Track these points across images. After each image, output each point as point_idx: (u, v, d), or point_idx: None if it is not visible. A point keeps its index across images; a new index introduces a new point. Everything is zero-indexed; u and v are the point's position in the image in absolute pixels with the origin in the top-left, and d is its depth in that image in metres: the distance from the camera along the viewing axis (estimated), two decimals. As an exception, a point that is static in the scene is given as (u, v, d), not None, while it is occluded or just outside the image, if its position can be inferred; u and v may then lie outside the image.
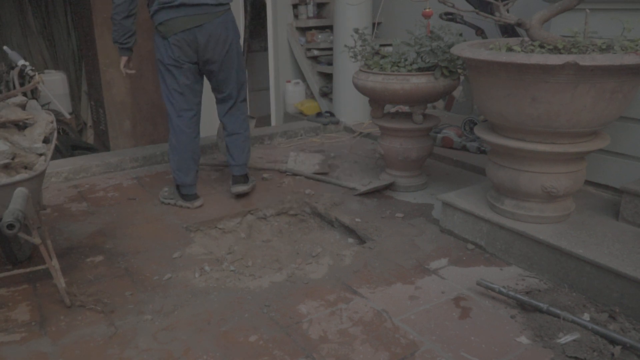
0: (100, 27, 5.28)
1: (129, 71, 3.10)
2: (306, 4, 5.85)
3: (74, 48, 6.58)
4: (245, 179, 3.20)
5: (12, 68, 4.22)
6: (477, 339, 1.90)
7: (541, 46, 2.24)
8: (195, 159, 3.07)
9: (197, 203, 3.09)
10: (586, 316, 1.96)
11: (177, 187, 3.10)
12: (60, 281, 2.11)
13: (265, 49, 6.09)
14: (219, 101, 3.13)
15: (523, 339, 1.89)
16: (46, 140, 2.26)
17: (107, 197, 3.29)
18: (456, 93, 4.85)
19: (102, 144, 5.86)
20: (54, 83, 5.70)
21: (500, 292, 2.09)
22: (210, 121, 5.63)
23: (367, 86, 3.02)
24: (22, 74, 4.05)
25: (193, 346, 1.88)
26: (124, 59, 3.03)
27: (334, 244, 2.83)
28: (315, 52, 5.78)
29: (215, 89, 3.09)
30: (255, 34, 5.63)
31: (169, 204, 3.14)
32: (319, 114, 4.96)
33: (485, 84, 2.26)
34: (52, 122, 2.32)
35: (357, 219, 2.89)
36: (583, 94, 2.03)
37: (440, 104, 5.05)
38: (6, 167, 1.98)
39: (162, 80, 2.97)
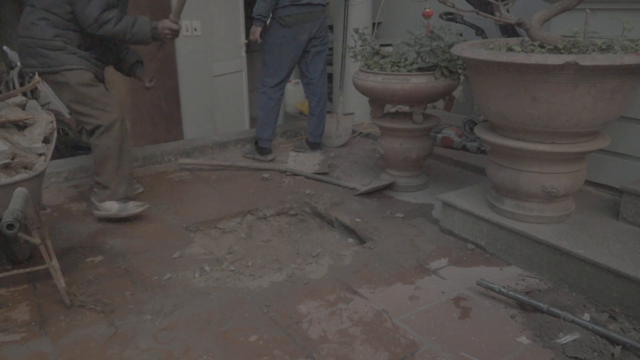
0: (100, 27, 5.27)
1: (259, 40, 3.71)
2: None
3: (74, 48, 6.58)
4: (315, 146, 4.00)
5: (12, 68, 4.22)
6: (477, 339, 1.90)
7: (541, 46, 2.24)
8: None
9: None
10: (586, 316, 1.96)
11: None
12: (60, 281, 2.11)
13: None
14: (305, 84, 3.95)
15: (523, 339, 1.89)
16: (46, 140, 2.25)
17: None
18: (456, 93, 4.85)
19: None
20: (53, 83, 5.68)
21: (500, 292, 2.09)
22: (206, 122, 5.61)
23: (367, 86, 3.02)
24: (21, 74, 4.05)
25: (193, 346, 1.88)
26: (258, 29, 3.65)
27: (334, 244, 2.83)
28: (315, 52, 5.76)
29: (303, 73, 3.92)
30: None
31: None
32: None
33: (485, 84, 2.26)
34: (52, 122, 2.32)
35: (357, 219, 2.89)
36: (583, 93, 2.03)
37: (440, 104, 5.05)
38: (6, 167, 1.98)
39: (269, 57, 3.75)
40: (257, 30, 3.65)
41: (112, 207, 2.87)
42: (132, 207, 2.89)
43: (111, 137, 2.76)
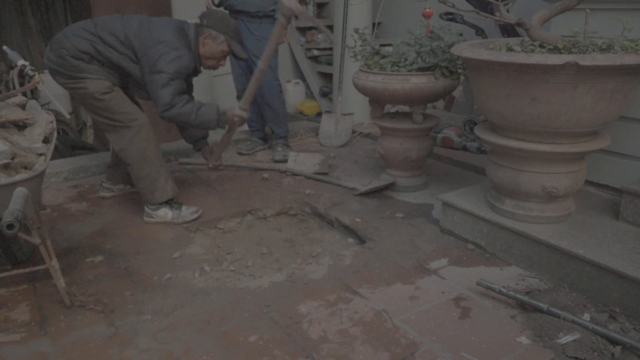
0: (100, 27, 5.27)
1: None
2: (306, 4, 5.85)
3: (74, 48, 6.57)
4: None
5: (12, 68, 4.21)
6: (477, 339, 1.90)
7: (541, 46, 2.24)
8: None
9: None
10: (586, 316, 1.96)
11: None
12: (60, 281, 2.11)
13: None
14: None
15: (523, 339, 1.89)
16: (46, 140, 2.25)
17: (107, 197, 3.29)
18: (456, 93, 4.84)
19: (102, 144, 5.86)
20: (53, 83, 5.69)
21: (500, 292, 2.09)
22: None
23: (367, 86, 3.02)
24: (21, 74, 4.04)
25: (193, 346, 1.88)
26: None
27: (334, 244, 2.83)
28: (315, 52, 5.78)
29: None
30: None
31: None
32: (319, 114, 4.94)
33: (485, 84, 2.26)
34: (52, 122, 2.32)
35: (357, 219, 2.89)
36: (583, 93, 2.03)
37: (440, 104, 5.05)
38: (6, 167, 1.98)
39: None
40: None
41: (166, 214, 2.89)
42: (188, 214, 2.92)
43: (143, 139, 2.78)
